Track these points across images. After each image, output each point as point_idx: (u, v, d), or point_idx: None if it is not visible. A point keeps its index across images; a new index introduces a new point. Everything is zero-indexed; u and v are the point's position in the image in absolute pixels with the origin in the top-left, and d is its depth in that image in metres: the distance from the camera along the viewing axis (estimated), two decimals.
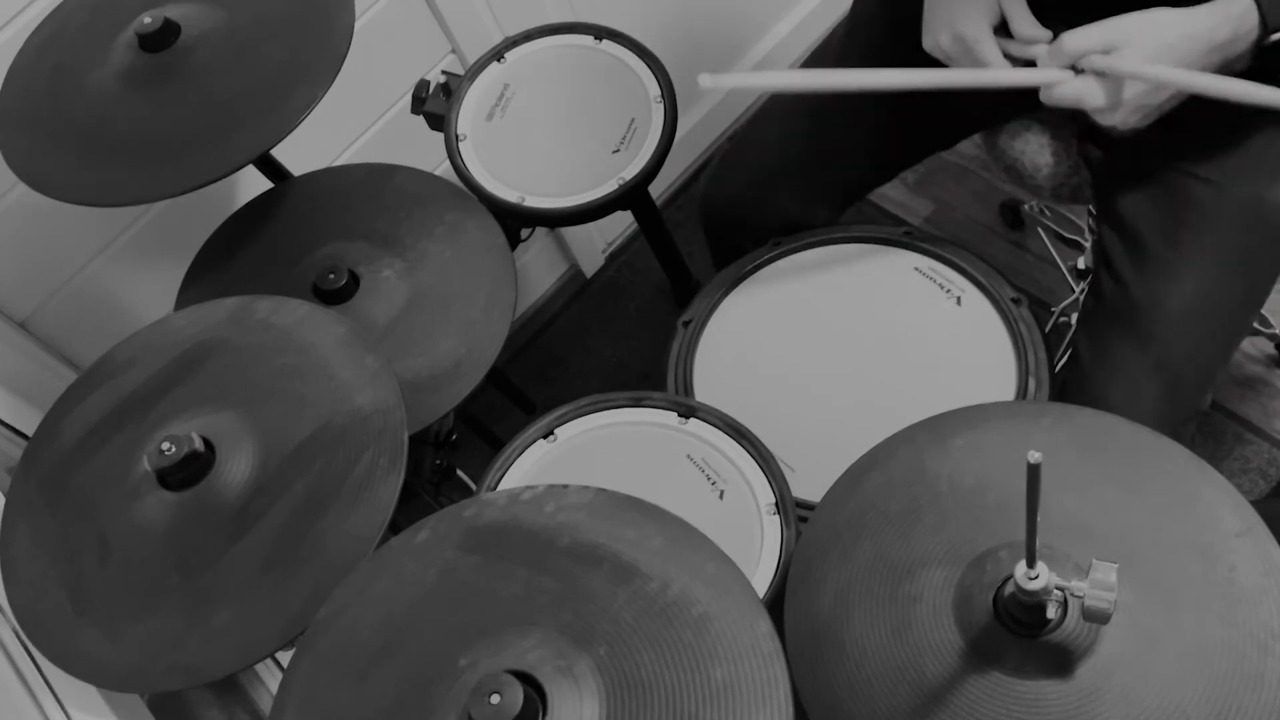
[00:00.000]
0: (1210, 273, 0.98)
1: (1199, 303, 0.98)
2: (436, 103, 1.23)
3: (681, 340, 1.09)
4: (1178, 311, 0.98)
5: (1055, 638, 0.65)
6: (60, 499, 0.85)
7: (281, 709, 0.69)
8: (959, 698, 0.65)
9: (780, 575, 0.89)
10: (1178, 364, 0.99)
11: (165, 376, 0.88)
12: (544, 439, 1.00)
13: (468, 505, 0.75)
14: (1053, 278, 1.73)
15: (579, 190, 1.14)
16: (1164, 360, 0.98)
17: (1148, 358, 0.99)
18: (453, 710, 0.63)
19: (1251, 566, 0.67)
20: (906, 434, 0.80)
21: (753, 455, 0.95)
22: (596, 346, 1.89)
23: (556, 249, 1.90)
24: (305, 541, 0.78)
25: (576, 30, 1.24)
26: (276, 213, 1.13)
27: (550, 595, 0.68)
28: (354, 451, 0.80)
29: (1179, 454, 0.74)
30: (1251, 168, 0.98)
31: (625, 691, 0.63)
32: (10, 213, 1.21)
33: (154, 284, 1.36)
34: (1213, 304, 0.99)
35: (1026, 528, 0.60)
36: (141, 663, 0.78)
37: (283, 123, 0.95)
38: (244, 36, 1.01)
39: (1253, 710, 0.62)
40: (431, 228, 1.07)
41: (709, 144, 2.01)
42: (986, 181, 1.88)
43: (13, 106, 1.03)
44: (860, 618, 0.71)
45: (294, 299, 0.91)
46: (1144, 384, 0.98)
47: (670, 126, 1.16)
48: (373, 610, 0.71)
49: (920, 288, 1.07)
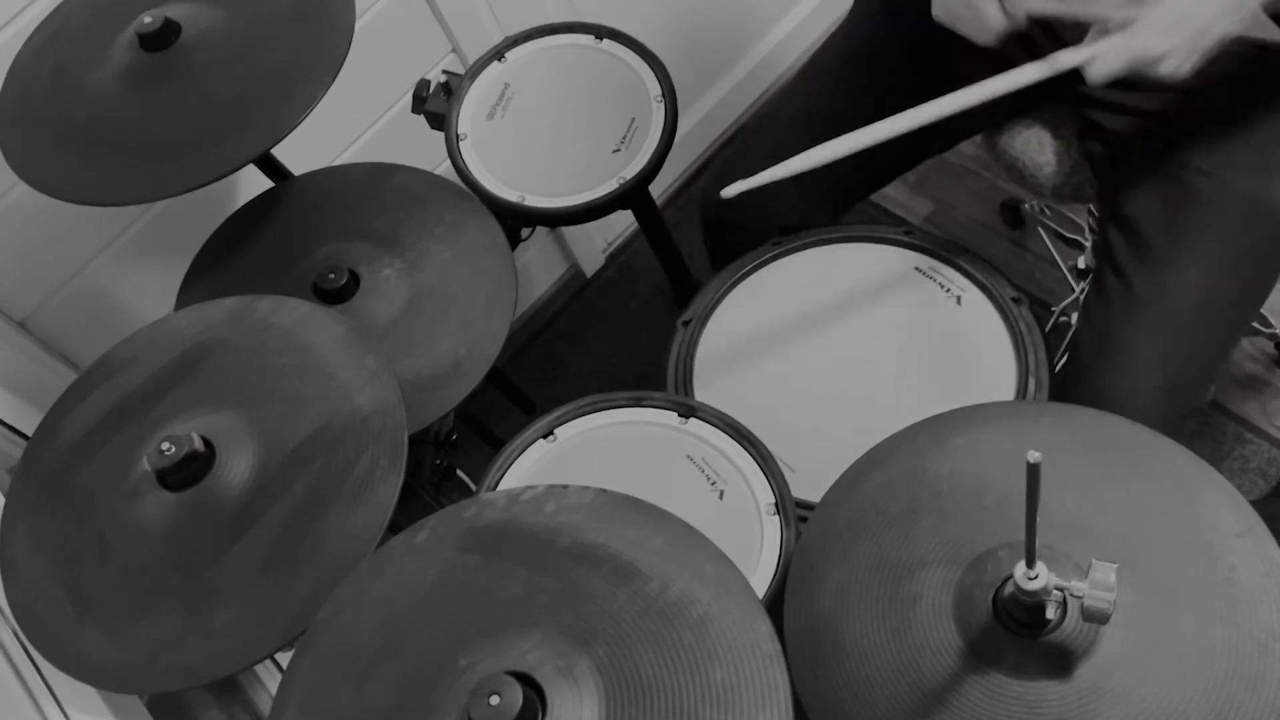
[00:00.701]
0: (1213, 266, 0.98)
1: (1201, 296, 0.98)
2: (437, 102, 1.23)
3: (681, 340, 1.09)
4: (1180, 305, 0.98)
5: (1055, 638, 0.65)
6: (60, 499, 0.85)
7: (281, 709, 0.69)
8: (958, 698, 0.65)
9: (780, 575, 0.89)
10: (1180, 357, 0.99)
11: (165, 376, 0.88)
12: (544, 439, 1.00)
13: (468, 505, 0.75)
14: (1053, 278, 1.72)
15: (579, 190, 1.14)
16: (1166, 354, 0.98)
17: (1150, 351, 0.98)
18: (452, 711, 0.63)
19: (1251, 566, 0.67)
20: (906, 434, 0.80)
21: (753, 455, 0.95)
22: (596, 346, 1.89)
23: (556, 249, 1.90)
24: (305, 541, 0.78)
25: (577, 30, 1.24)
26: (276, 212, 1.13)
27: (550, 596, 0.68)
28: (354, 451, 0.80)
29: (1179, 454, 0.74)
30: (1255, 161, 0.98)
31: (625, 692, 0.63)
32: (10, 213, 1.21)
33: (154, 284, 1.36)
34: (1215, 298, 0.99)
35: (1026, 528, 0.60)
36: (141, 663, 0.78)
37: (283, 123, 0.95)
38: (244, 36, 1.01)
39: (1252, 710, 0.62)
40: (431, 228, 1.07)
41: (709, 144, 2.01)
42: (986, 181, 1.88)
43: (13, 106, 1.03)
44: (860, 618, 0.71)
45: (294, 299, 0.91)
46: (1146, 377, 0.98)
47: (670, 126, 1.16)
48: (373, 610, 0.71)
49: (920, 288, 1.07)
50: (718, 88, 1.94)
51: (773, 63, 1.99)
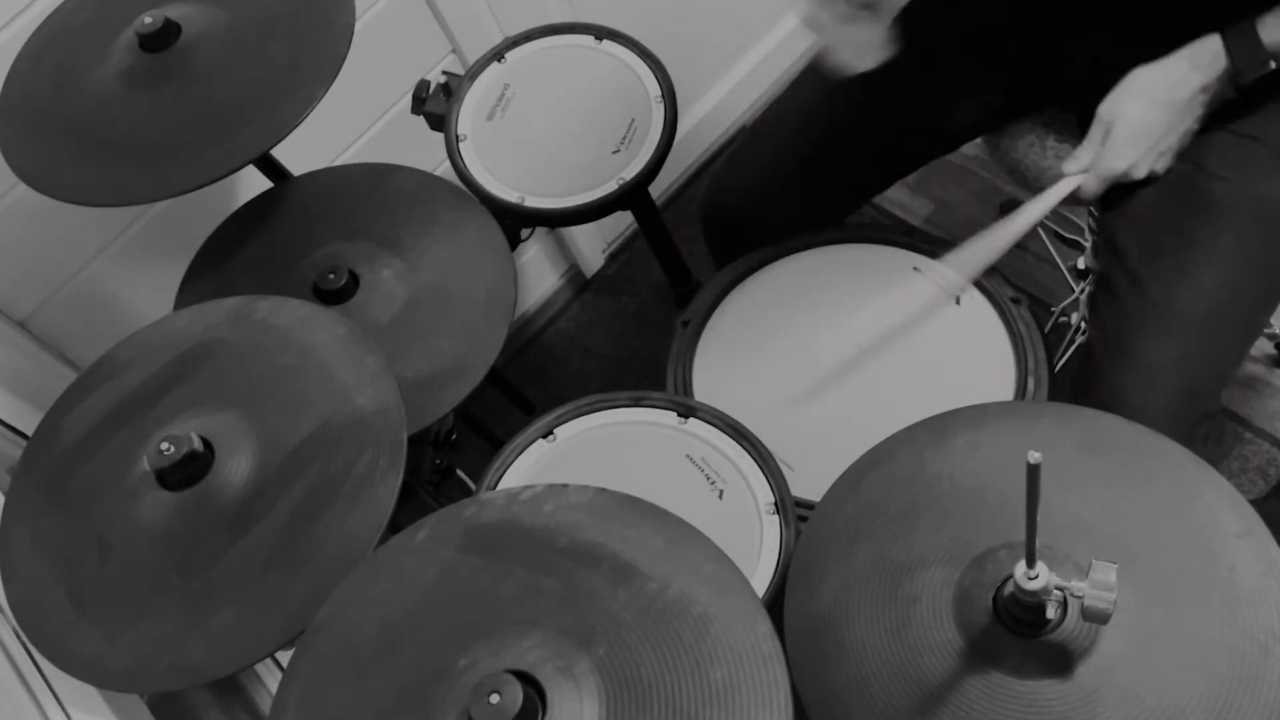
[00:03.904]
0: (1229, 270, 0.98)
1: (1218, 301, 0.98)
2: (436, 103, 1.23)
3: (681, 340, 1.09)
4: (1197, 309, 0.98)
5: (1055, 638, 0.65)
6: (60, 499, 0.85)
7: (281, 709, 0.69)
8: (958, 697, 0.65)
9: (780, 575, 0.89)
10: (1196, 362, 0.98)
11: (165, 376, 0.88)
12: (544, 439, 1.00)
13: (467, 505, 0.75)
14: (1053, 278, 1.72)
15: (579, 190, 1.14)
16: (1183, 358, 0.98)
17: (1166, 355, 0.98)
18: (453, 710, 0.63)
19: (1251, 567, 0.67)
20: (906, 434, 0.80)
21: (752, 455, 0.95)
22: (596, 346, 1.89)
23: (556, 249, 1.90)
24: (305, 541, 0.78)
25: (577, 30, 1.24)
26: (276, 213, 1.13)
27: (550, 595, 0.68)
28: (354, 452, 0.80)
29: (1179, 454, 0.74)
30: (1269, 166, 0.98)
31: (625, 691, 0.63)
32: (10, 213, 1.21)
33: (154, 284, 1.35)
34: (1231, 301, 0.99)
35: (1026, 528, 0.60)
36: (141, 663, 0.78)
37: (283, 123, 0.95)
38: (244, 37, 1.01)
39: (1252, 711, 0.62)
40: (431, 228, 1.07)
41: (709, 144, 2.01)
42: (986, 181, 1.88)
43: (13, 106, 1.03)
44: (860, 617, 0.71)
45: (294, 299, 0.91)
46: (1163, 382, 0.98)
47: (670, 126, 1.16)
48: (373, 610, 0.71)
49: (920, 288, 1.07)
50: (718, 88, 1.94)
51: (773, 63, 1.99)
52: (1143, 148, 0.98)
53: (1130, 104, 0.98)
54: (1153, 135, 0.98)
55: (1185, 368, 0.98)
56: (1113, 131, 0.98)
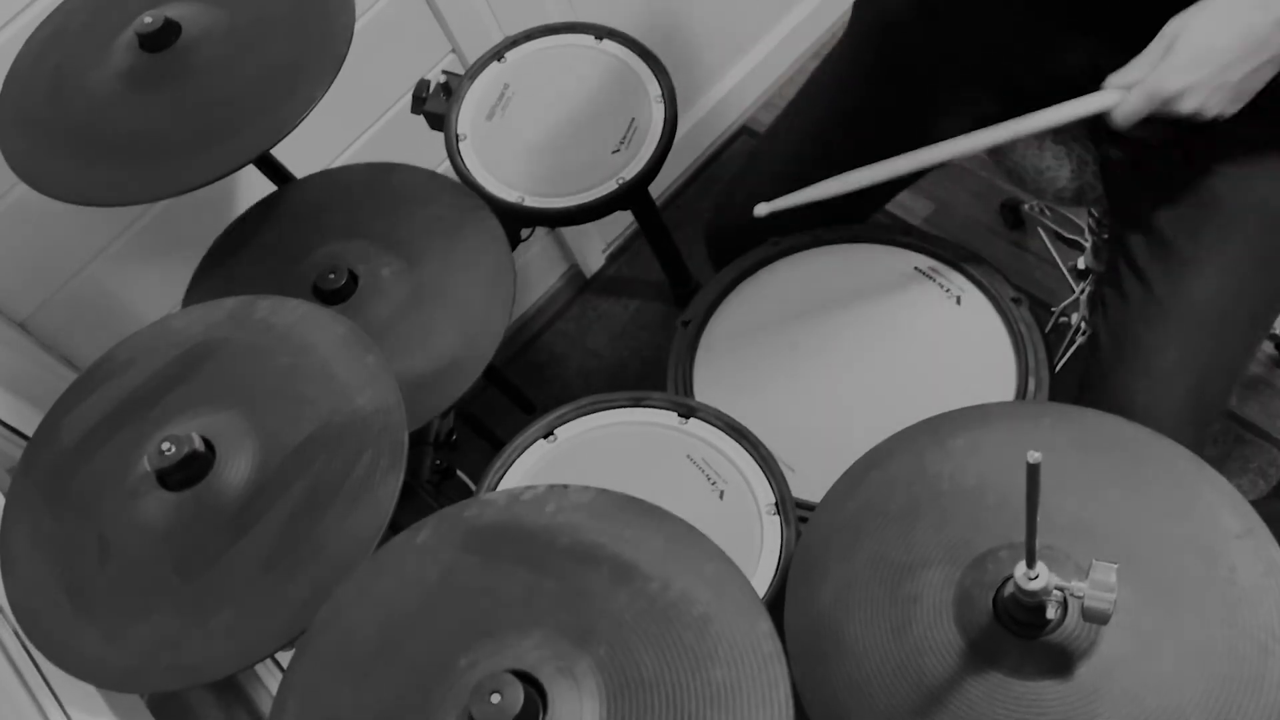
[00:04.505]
0: (1238, 270, 0.98)
1: (1226, 300, 0.98)
2: (437, 102, 1.23)
3: (681, 340, 1.09)
4: (1205, 309, 0.97)
5: (1055, 638, 0.65)
6: (60, 499, 0.85)
7: (281, 709, 0.69)
8: (958, 698, 0.65)
9: (780, 575, 0.89)
10: (1206, 362, 0.98)
11: (165, 376, 0.88)
12: (544, 439, 1.00)
13: (468, 505, 0.75)
14: (1053, 278, 1.72)
15: (579, 190, 1.14)
16: (1191, 358, 0.98)
17: (1175, 355, 0.98)
18: (453, 710, 0.63)
19: (1252, 567, 0.67)
20: (906, 434, 0.80)
21: (753, 455, 0.95)
22: (596, 346, 1.89)
23: (556, 249, 1.90)
24: (305, 541, 0.78)
25: (576, 30, 1.24)
26: (275, 213, 1.13)
27: (551, 595, 0.68)
28: (354, 451, 0.80)
29: (1179, 454, 0.74)
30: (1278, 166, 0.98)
31: (625, 691, 0.63)
32: (10, 213, 1.21)
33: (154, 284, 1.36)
34: (1240, 301, 0.98)
35: (1026, 528, 0.60)
36: (141, 663, 0.78)
37: (283, 123, 0.95)
38: (244, 37, 1.01)
39: (1252, 711, 0.62)
40: (431, 227, 1.07)
41: (709, 144, 2.01)
42: (986, 181, 1.88)
43: (13, 106, 1.03)
44: (860, 618, 0.71)
45: (294, 299, 0.91)
46: (1173, 383, 0.98)
47: (670, 126, 1.16)
48: (373, 610, 0.71)
49: (920, 288, 1.07)
50: (718, 88, 1.94)
51: (773, 63, 1.99)
52: (1203, 72, 0.86)
53: (1201, 19, 0.86)
54: (1219, 60, 0.86)
55: (1194, 367, 0.97)
56: (1174, 47, 0.87)
